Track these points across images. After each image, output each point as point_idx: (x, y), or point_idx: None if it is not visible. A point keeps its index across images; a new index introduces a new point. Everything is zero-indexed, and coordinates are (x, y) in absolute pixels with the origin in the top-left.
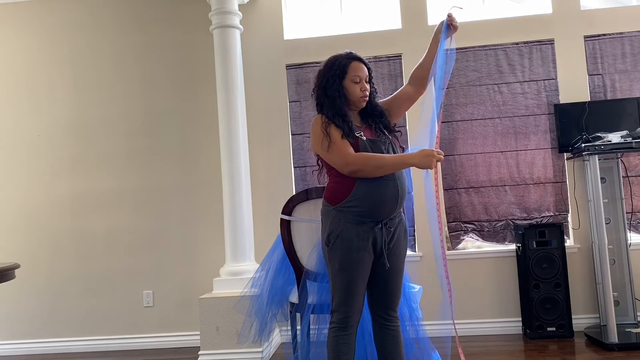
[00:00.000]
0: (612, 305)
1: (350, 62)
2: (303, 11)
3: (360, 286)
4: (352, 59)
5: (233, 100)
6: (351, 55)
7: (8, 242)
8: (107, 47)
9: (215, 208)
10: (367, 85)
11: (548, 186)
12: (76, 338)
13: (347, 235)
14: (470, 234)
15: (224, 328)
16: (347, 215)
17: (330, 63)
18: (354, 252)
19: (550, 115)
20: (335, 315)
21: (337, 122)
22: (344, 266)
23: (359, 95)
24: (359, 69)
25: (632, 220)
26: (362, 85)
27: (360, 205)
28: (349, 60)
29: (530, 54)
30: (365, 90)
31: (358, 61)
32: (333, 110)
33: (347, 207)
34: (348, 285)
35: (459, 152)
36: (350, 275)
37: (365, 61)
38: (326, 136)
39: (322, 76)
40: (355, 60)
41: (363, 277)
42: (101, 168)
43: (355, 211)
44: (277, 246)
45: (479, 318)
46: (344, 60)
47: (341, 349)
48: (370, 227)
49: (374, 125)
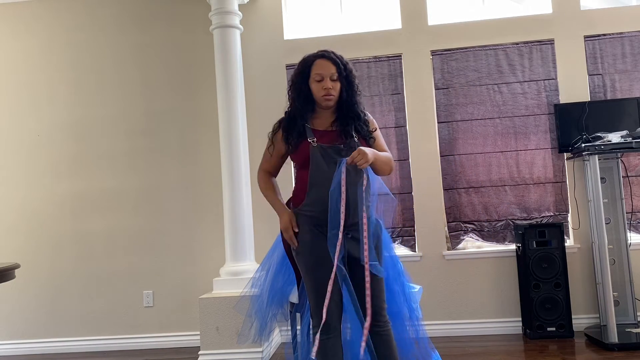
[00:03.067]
0: (612, 305)
1: (315, 59)
2: (303, 11)
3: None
4: (318, 56)
5: (233, 100)
6: (319, 54)
7: (8, 242)
8: (107, 47)
9: (215, 208)
10: (330, 84)
11: (548, 186)
12: (76, 338)
13: (307, 238)
14: (470, 234)
15: (224, 328)
16: (305, 219)
17: (300, 62)
18: (314, 255)
19: (550, 115)
20: (314, 320)
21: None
22: (308, 269)
23: (320, 94)
24: (322, 66)
25: (632, 220)
26: (325, 84)
27: (312, 210)
28: (315, 58)
29: (530, 54)
30: (327, 89)
31: (323, 58)
32: (293, 111)
33: (303, 210)
34: (317, 287)
35: (459, 152)
36: (316, 276)
37: (334, 58)
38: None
39: (292, 77)
40: (320, 58)
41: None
42: (101, 168)
43: (310, 215)
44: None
45: (479, 318)
46: (311, 58)
47: (327, 352)
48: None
49: (341, 129)
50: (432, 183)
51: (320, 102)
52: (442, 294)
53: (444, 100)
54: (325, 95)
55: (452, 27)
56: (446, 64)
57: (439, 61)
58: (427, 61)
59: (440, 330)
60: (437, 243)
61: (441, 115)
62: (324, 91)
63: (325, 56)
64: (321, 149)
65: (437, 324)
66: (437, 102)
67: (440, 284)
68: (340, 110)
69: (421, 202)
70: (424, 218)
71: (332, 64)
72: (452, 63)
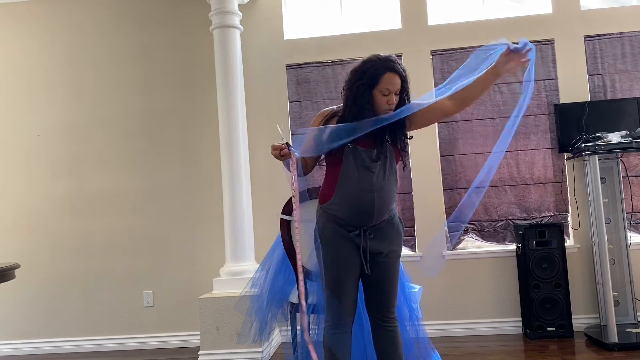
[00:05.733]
0: (612, 305)
1: (384, 72)
2: (303, 11)
3: (348, 285)
4: (388, 69)
5: (233, 100)
6: (388, 65)
7: (8, 242)
8: (107, 47)
9: (215, 208)
10: (395, 99)
11: (548, 186)
12: (76, 338)
13: (330, 234)
14: (470, 234)
15: (224, 328)
16: (330, 216)
17: (366, 67)
18: (336, 251)
19: (550, 115)
20: (327, 315)
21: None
22: (328, 264)
23: (384, 108)
24: (391, 82)
25: (632, 220)
26: (390, 99)
27: (338, 210)
28: (384, 70)
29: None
30: (391, 104)
31: (392, 72)
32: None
33: (329, 208)
34: (335, 283)
35: (459, 152)
36: (335, 273)
37: (400, 71)
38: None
39: (354, 79)
40: (389, 72)
41: (349, 276)
42: (101, 168)
43: (336, 214)
44: (277, 246)
45: (479, 318)
46: (379, 69)
47: (337, 347)
48: (349, 231)
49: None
50: (432, 183)
51: (380, 113)
52: (442, 294)
53: None
54: (387, 109)
55: (452, 27)
56: (446, 64)
57: (439, 61)
58: (427, 61)
59: (440, 330)
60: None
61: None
62: (388, 105)
63: (396, 71)
64: (355, 151)
65: (437, 324)
66: None
67: (440, 284)
68: None
69: (421, 202)
70: (424, 218)
71: (400, 79)
72: (452, 63)
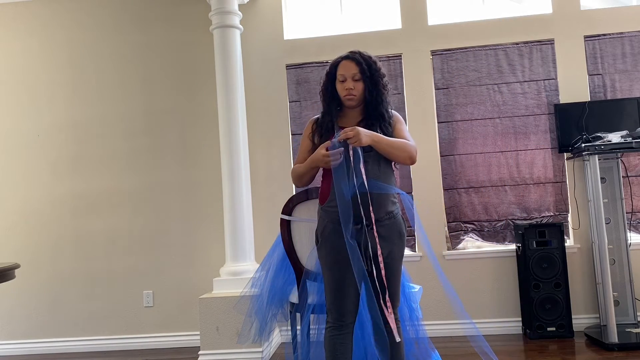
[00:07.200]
0: (612, 305)
1: (340, 61)
2: (303, 11)
3: (350, 285)
4: (344, 57)
5: (233, 100)
6: (345, 55)
7: (8, 242)
8: (107, 47)
9: (215, 208)
10: (352, 84)
11: (548, 186)
12: (76, 338)
13: (331, 234)
14: (470, 234)
15: (224, 328)
16: (330, 215)
17: (329, 66)
18: (338, 252)
19: (550, 115)
20: (329, 315)
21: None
22: (330, 265)
23: (342, 94)
24: (345, 67)
25: (632, 220)
26: (347, 84)
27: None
28: (340, 59)
29: (530, 54)
30: (348, 89)
31: (347, 59)
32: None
33: (329, 207)
34: (337, 284)
35: (459, 152)
36: (337, 274)
37: (358, 59)
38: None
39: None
40: (344, 60)
41: (350, 276)
42: (101, 168)
43: (333, 212)
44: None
45: (479, 318)
46: (338, 59)
47: (337, 348)
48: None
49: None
50: (432, 183)
51: (344, 102)
52: (442, 294)
53: (444, 100)
54: (346, 95)
55: (452, 27)
56: (446, 64)
57: (439, 61)
58: (427, 61)
59: (440, 330)
60: (437, 243)
61: (441, 115)
62: (346, 91)
63: (350, 57)
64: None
65: (437, 324)
66: (437, 102)
67: (440, 284)
68: (367, 110)
69: (421, 202)
70: (424, 218)
71: (356, 64)
72: (452, 63)
